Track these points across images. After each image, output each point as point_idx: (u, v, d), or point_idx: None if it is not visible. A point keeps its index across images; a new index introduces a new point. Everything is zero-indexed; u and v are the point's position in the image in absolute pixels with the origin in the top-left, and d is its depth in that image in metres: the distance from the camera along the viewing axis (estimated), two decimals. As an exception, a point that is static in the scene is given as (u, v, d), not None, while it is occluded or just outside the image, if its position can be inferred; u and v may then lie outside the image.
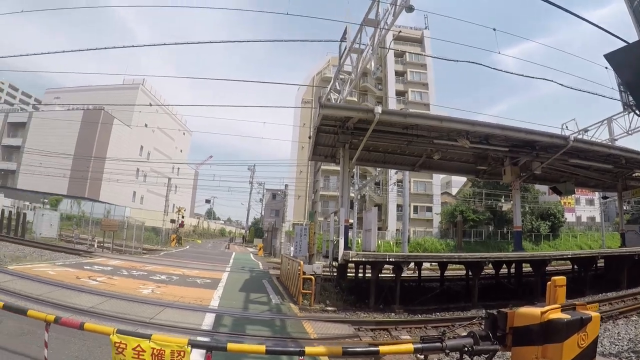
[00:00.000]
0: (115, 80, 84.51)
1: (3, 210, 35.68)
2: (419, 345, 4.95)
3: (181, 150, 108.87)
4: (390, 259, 15.88)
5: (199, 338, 8.68)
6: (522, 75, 17.06)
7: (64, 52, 17.17)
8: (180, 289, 15.38)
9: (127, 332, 4.87)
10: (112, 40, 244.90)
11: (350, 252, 15.59)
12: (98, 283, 14.64)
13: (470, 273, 17.99)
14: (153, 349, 4.63)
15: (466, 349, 4.82)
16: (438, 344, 4.89)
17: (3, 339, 7.38)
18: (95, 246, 32.00)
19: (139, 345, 4.63)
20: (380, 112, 14.08)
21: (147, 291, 14.19)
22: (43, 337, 7.01)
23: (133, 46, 20.99)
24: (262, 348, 4.83)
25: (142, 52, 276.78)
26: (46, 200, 59.30)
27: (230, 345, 4.82)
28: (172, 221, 56.81)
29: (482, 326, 5.39)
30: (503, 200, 56.34)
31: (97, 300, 11.56)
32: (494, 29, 15.90)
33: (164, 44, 15.77)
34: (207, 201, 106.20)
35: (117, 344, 4.67)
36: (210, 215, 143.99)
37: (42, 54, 17.49)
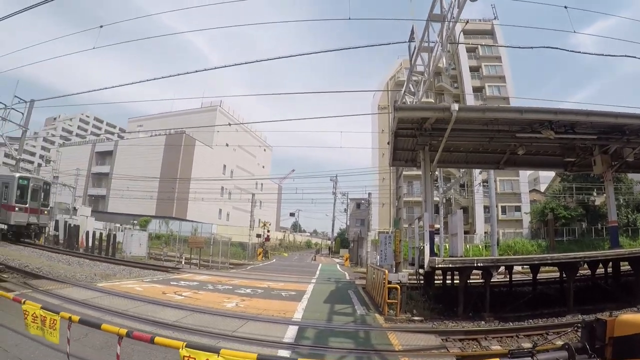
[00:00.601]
0: (194, 105, 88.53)
1: (94, 232, 37.62)
2: (507, 360, 4.46)
3: (263, 167, 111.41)
4: (479, 264, 15.11)
5: (280, 351, 8.57)
6: (602, 54, 15.83)
7: (140, 82, 17.92)
8: (265, 302, 15.39)
9: (198, 345, 4.75)
10: (186, 67, 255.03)
11: (437, 258, 15.02)
12: (183, 298, 14.96)
13: (564, 275, 16.97)
14: (221, 363, 4.49)
15: (560, 363, 4.31)
16: (528, 359, 4.39)
17: (87, 352, 7.64)
18: (183, 263, 33.07)
19: (207, 360, 4.50)
20: (457, 109, 13.52)
21: (231, 305, 14.31)
22: (126, 350, 7.16)
23: (205, 69, 21.64)
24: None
25: (217, 75, 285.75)
26: (136, 222, 62.36)
27: (301, 360, 4.61)
28: (258, 236, 57.80)
29: (579, 335, 4.86)
30: (595, 194, 53.25)
31: (181, 315, 11.76)
32: (565, 7, 14.96)
33: (235, 64, 16.00)
34: (292, 214, 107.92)
35: (185, 358, 4.57)
36: (295, 228, 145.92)
37: (119, 85, 18.31)
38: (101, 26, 16.72)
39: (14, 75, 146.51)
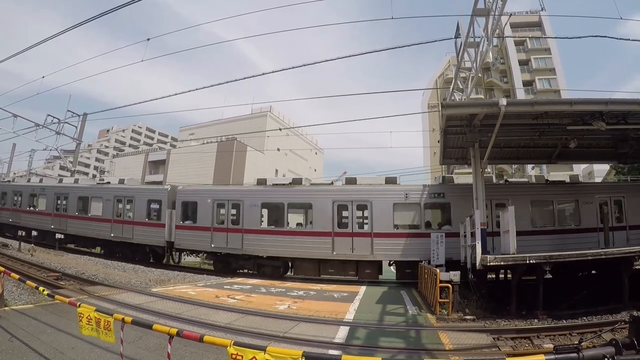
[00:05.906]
0: (244, 111, 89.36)
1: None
2: (552, 357, 4.41)
3: (315, 170, 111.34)
4: (531, 261, 14.83)
5: (330, 351, 8.66)
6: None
7: (190, 91, 18.34)
8: (317, 304, 15.51)
9: (245, 344, 4.93)
10: (236, 76, 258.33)
11: (488, 256, 14.86)
12: (236, 301, 15.17)
13: (620, 270, 16.44)
14: (268, 360, 4.64)
15: (606, 359, 4.24)
16: (574, 355, 4.31)
17: (141, 353, 7.99)
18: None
19: (254, 357, 4.67)
20: (505, 104, 13.38)
21: (283, 307, 14.49)
22: (179, 351, 7.42)
23: (254, 76, 22.12)
24: None
25: (268, 83, 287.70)
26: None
27: (345, 357, 4.70)
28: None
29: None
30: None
31: (234, 317, 12.01)
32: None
33: (283, 69, 16.27)
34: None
35: (233, 356, 4.76)
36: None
37: (168, 96, 18.77)
38: (148, 39, 17.23)
39: (67, 90, 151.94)
